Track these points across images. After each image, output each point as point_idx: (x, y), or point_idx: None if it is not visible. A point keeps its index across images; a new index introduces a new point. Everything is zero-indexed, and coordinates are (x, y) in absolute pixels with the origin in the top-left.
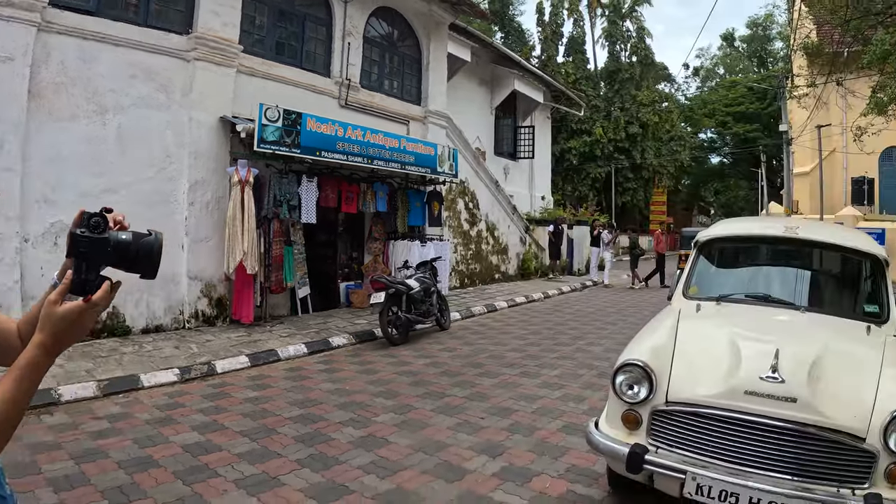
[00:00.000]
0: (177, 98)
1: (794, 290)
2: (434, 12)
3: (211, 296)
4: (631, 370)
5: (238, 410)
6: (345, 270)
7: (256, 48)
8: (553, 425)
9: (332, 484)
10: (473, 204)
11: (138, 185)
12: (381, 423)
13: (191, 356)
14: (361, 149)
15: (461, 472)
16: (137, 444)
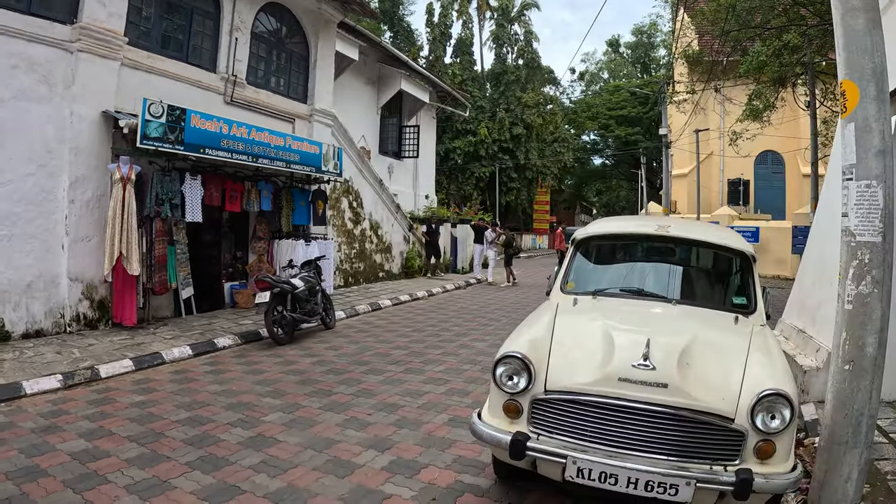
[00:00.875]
0: (59, 91)
1: (666, 285)
2: (323, 10)
3: (93, 298)
4: (510, 362)
5: (125, 415)
6: (229, 270)
7: (142, 41)
8: (439, 419)
9: (224, 485)
10: (357, 203)
11: (18, 183)
12: (270, 422)
13: (73, 361)
14: (246, 147)
15: (351, 468)
16: (23, 454)
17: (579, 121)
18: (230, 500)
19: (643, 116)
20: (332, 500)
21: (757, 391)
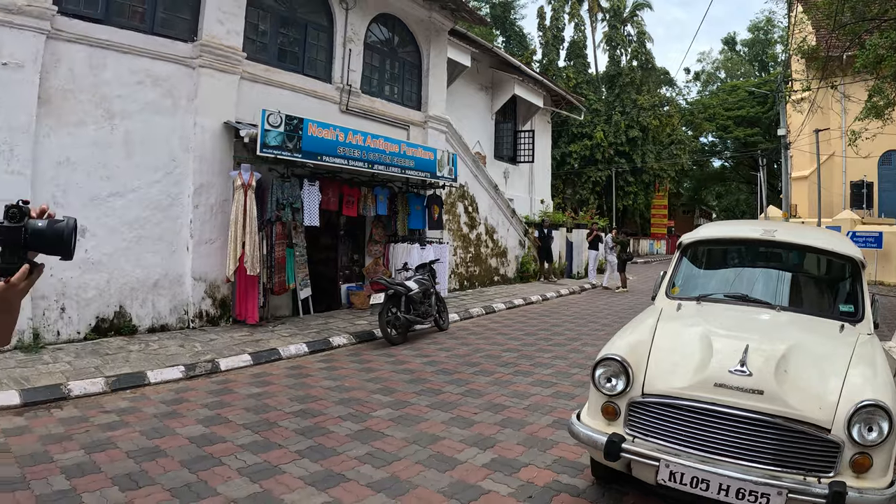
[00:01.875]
0: (182, 104)
1: (772, 291)
2: (434, 19)
3: (215, 296)
4: (609, 364)
5: (241, 405)
6: (345, 272)
7: (259, 55)
8: (543, 420)
9: (330, 472)
10: (473, 207)
11: (145, 189)
12: (378, 417)
13: (195, 354)
14: (362, 153)
15: (453, 463)
16: (145, 436)
17: (696, 122)
18: (335, 486)
19: (762, 116)
20: (433, 493)
21: (855, 401)
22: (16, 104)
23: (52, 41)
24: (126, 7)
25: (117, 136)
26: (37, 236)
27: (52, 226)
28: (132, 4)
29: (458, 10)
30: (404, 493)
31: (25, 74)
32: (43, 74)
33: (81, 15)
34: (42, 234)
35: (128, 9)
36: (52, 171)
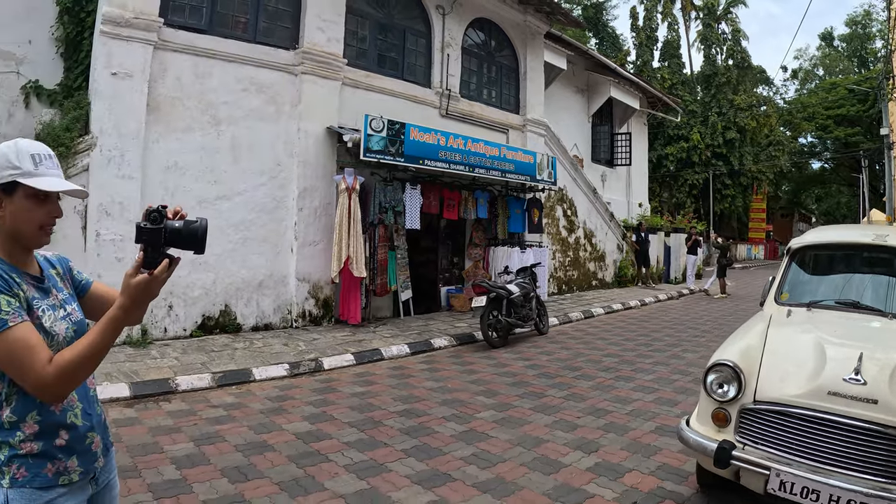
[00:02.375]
0: (286, 110)
1: (883, 298)
2: (529, 22)
3: (318, 297)
4: (721, 370)
5: (345, 404)
6: (445, 275)
7: (360, 61)
8: (646, 426)
9: (436, 472)
10: (572, 211)
11: (251, 193)
12: (482, 419)
13: (299, 353)
14: (463, 157)
15: (557, 466)
16: (253, 431)
17: (795, 122)
18: (441, 485)
19: (863, 115)
20: (538, 495)
21: None
22: (126, 112)
23: (160, 51)
24: (229, 17)
25: (224, 142)
26: (174, 235)
27: (188, 226)
28: (235, 15)
29: (553, 13)
30: (510, 494)
31: (134, 83)
32: (151, 83)
33: (186, 26)
34: (179, 232)
35: (231, 19)
36: (161, 176)
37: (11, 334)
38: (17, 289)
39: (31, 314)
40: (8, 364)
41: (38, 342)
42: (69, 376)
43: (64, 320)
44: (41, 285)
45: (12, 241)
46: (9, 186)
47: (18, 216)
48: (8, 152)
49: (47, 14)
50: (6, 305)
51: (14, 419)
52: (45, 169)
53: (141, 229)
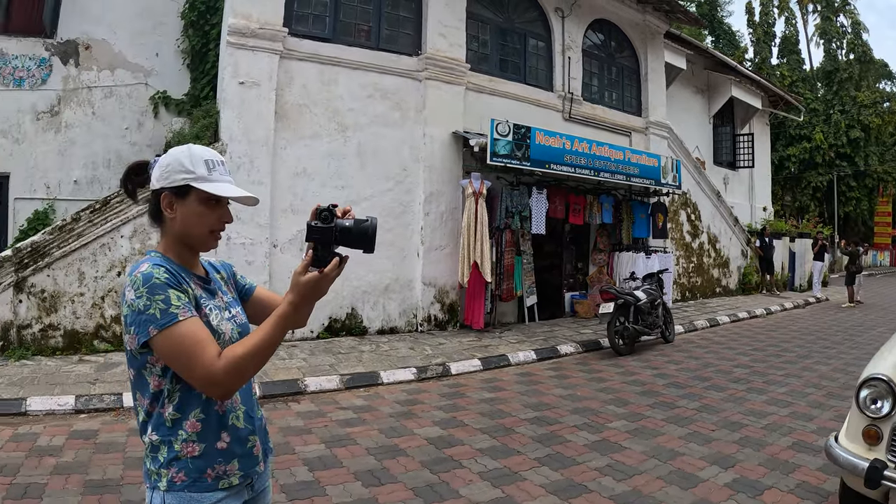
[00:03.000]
0: (411, 115)
1: None
2: (649, 21)
3: (443, 301)
4: (875, 385)
5: (476, 410)
6: (570, 280)
7: (482, 65)
8: (783, 441)
9: (571, 482)
10: (695, 215)
11: (378, 198)
12: (614, 429)
13: (426, 357)
14: (588, 161)
15: (694, 481)
16: (384, 434)
17: None
18: (577, 497)
19: None
20: None
21: None
22: (254, 119)
23: (285, 60)
24: (352, 26)
25: (350, 148)
26: (345, 234)
27: (358, 224)
28: (357, 23)
29: (673, 11)
30: None
31: (262, 92)
32: (278, 91)
33: (310, 35)
34: (349, 231)
35: (353, 27)
36: (290, 181)
37: (181, 328)
38: (187, 286)
39: (200, 312)
40: (176, 358)
41: (208, 337)
42: (239, 371)
43: (229, 321)
44: (208, 286)
45: (181, 243)
46: (181, 190)
47: (190, 220)
48: (181, 157)
49: (173, 28)
50: (176, 300)
51: (177, 416)
52: (217, 175)
53: (312, 228)
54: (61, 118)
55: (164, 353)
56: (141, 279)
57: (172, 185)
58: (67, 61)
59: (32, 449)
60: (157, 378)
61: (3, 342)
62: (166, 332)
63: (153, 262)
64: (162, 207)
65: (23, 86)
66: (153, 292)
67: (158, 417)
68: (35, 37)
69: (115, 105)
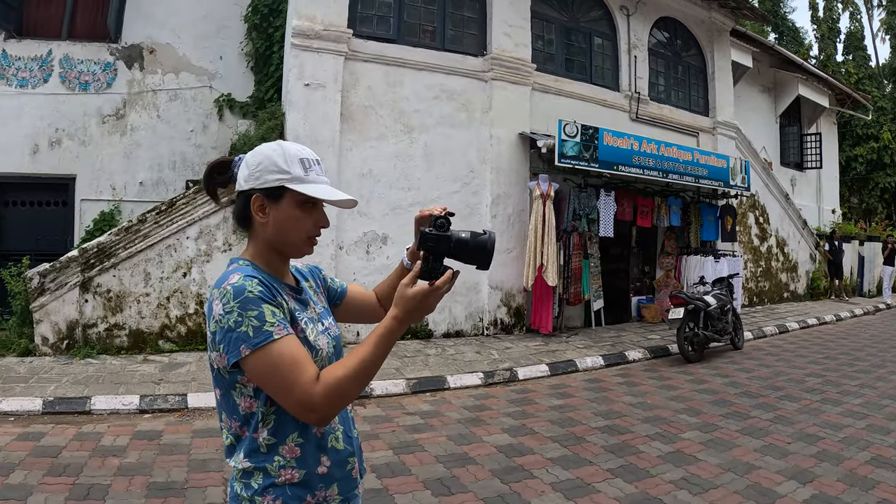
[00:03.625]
0: (477, 116)
1: None
2: (714, 18)
3: (510, 305)
4: None
5: (544, 417)
6: (637, 284)
7: (548, 65)
8: (861, 456)
9: (646, 496)
10: (764, 218)
11: (445, 200)
12: (688, 439)
13: (493, 362)
14: (656, 162)
15: (772, 496)
16: (452, 441)
17: None
18: None
19: None
20: None
21: None
22: (320, 121)
23: (350, 62)
24: (416, 27)
25: (416, 149)
26: (460, 246)
27: (476, 237)
28: (422, 24)
29: (739, 8)
30: None
31: (327, 93)
32: (343, 93)
33: (375, 36)
34: (466, 244)
35: (418, 28)
36: (357, 183)
37: (277, 347)
38: (281, 298)
39: (296, 327)
40: (270, 380)
41: (305, 357)
42: (339, 396)
43: (323, 334)
44: (300, 297)
45: (272, 250)
46: (275, 192)
47: (285, 224)
48: (274, 155)
49: (236, 31)
50: (270, 316)
51: (272, 441)
52: (314, 175)
53: (426, 235)
54: (127, 121)
55: (257, 374)
56: (232, 292)
57: (265, 187)
58: (132, 65)
59: (96, 449)
60: (248, 399)
61: (69, 341)
62: (260, 352)
63: (244, 272)
64: (252, 211)
65: (88, 90)
66: (245, 307)
67: (251, 442)
68: (100, 42)
69: (179, 108)
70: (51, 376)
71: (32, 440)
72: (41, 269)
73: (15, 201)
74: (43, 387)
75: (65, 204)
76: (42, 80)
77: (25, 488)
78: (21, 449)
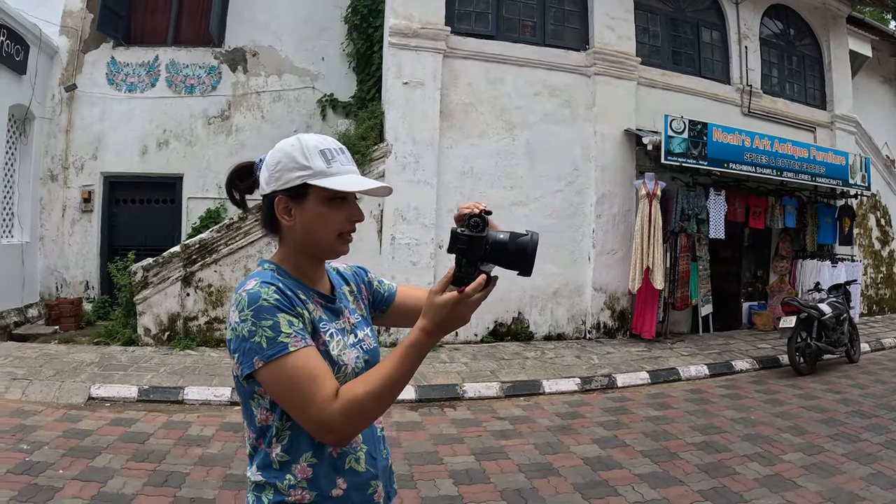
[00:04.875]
0: (580, 113)
1: None
2: (829, 5)
3: (614, 308)
4: None
5: (639, 428)
6: (748, 289)
7: (653, 59)
8: None
9: None
10: (885, 220)
11: (548, 199)
12: (789, 462)
13: (592, 367)
14: (769, 160)
15: None
16: (538, 450)
17: None
18: None
19: None
20: None
21: None
22: (419, 119)
23: (449, 59)
24: (516, 22)
25: (518, 147)
26: (498, 248)
27: (516, 239)
28: (522, 19)
29: None
30: None
31: (426, 92)
32: (443, 91)
33: (473, 33)
34: (504, 246)
35: (518, 23)
36: (457, 181)
37: (292, 360)
38: (302, 308)
39: (317, 339)
40: (284, 395)
41: (324, 372)
42: (358, 416)
43: (354, 348)
44: (331, 305)
45: (300, 252)
46: (298, 191)
47: (312, 224)
48: (292, 151)
49: (337, 32)
50: (287, 326)
51: (285, 459)
52: (338, 166)
53: (458, 236)
54: (231, 122)
55: (271, 388)
56: (246, 300)
57: (287, 187)
58: (236, 68)
59: (182, 437)
60: (264, 412)
61: (170, 332)
62: (273, 364)
63: (262, 278)
64: (277, 215)
65: (194, 92)
66: (259, 316)
67: (265, 457)
68: (204, 46)
69: (283, 108)
70: (150, 365)
71: (123, 426)
72: (145, 264)
73: (126, 199)
74: (140, 375)
75: (172, 202)
76: (150, 84)
77: (108, 471)
78: (111, 434)
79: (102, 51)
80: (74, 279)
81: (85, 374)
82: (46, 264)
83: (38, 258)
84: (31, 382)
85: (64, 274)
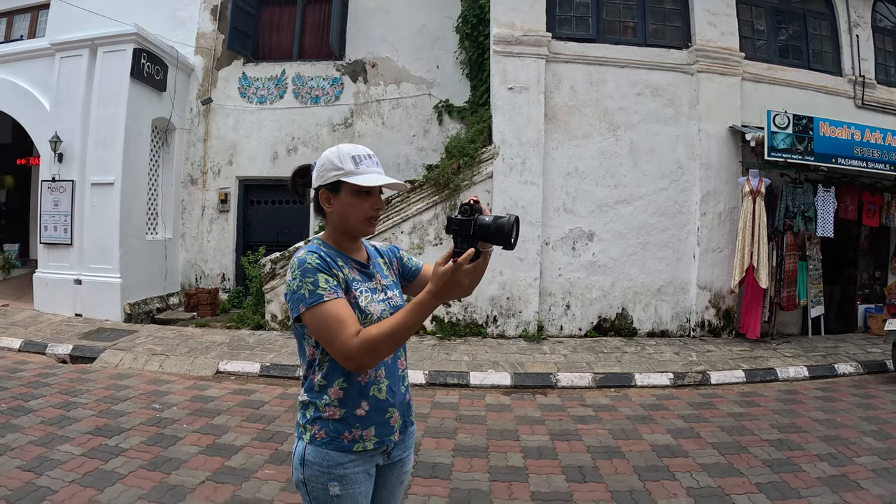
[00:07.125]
0: (684, 111)
1: None
2: None
3: (719, 307)
4: None
5: (717, 423)
6: (865, 291)
7: (758, 53)
8: None
9: None
10: None
11: (651, 197)
12: (860, 464)
13: (688, 364)
14: (882, 154)
15: None
16: (611, 434)
17: None
18: None
19: None
20: None
21: None
22: (524, 123)
23: (551, 64)
24: (616, 24)
25: (622, 147)
26: (483, 228)
27: (496, 220)
28: (622, 21)
29: None
30: None
31: (531, 96)
32: (546, 94)
33: (574, 37)
34: (487, 227)
35: (618, 25)
36: (562, 181)
37: (326, 308)
38: (338, 270)
39: (349, 294)
40: (320, 333)
41: (349, 317)
42: (372, 350)
43: (382, 303)
44: (366, 270)
45: (338, 230)
46: (335, 186)
47: (345, 210)
48: (332, 156)
49: (450, 41)
50: (324, 283)
51: (324, 383)
52: (365, 167)
53: (451, 220)
54: (354, 129)
55: (311, 327)
56: (297, 263)
57: (327, 182)
58: (357, 79)
59: (293, 406)
60: (311, 348)
61: None
62: (313, 310)
63: (309, 248)
64: (321, 203)
65: (319, 102)
66: (304, 275)
67: (310, 382)
68: (326, 60)
69: (402, 115)
70: (273, 347)
71: (244, 395)
72: (272, 257)
73: (259, 200)
74: (264, 354)
75: (301, 203)
76: (278, 96)
77: (224, 428)
78: (232, 401)
79: (234, 67)
80: (212, 271)
81: (215, 353)
82: (187, 258)
83: (179, 253)
84: (168, 357)
85: (203, 267)
